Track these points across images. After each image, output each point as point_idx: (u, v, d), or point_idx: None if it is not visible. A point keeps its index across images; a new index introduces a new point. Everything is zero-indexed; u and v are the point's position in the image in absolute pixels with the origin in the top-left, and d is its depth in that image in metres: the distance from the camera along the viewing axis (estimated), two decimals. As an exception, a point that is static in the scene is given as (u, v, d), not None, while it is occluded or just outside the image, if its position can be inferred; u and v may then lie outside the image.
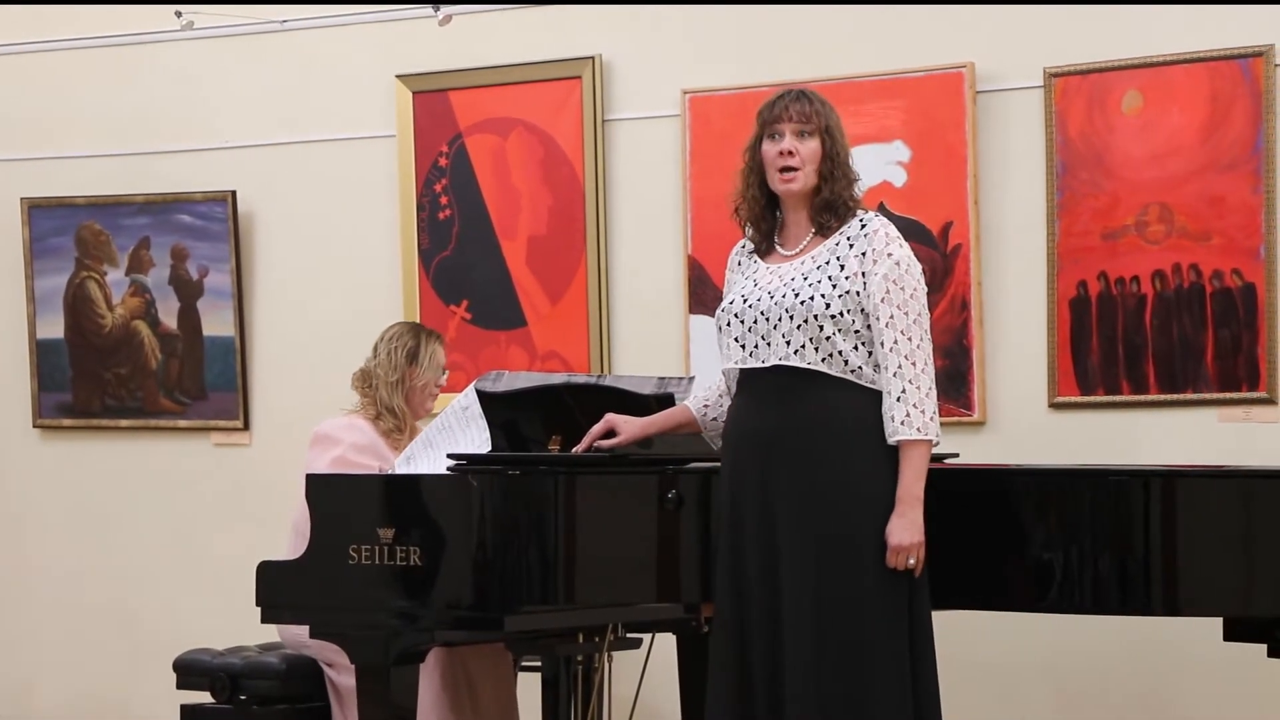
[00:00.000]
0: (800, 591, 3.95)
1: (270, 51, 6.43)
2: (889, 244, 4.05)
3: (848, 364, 4.00)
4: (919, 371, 3.99)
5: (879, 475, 3.98)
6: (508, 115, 6.11)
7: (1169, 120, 5.32)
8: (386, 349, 5.19)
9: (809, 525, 3.96)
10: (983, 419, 5.53)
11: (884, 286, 4.01)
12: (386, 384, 5.15)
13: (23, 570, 6.81)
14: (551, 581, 4.33)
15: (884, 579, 3.95)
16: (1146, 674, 5.38)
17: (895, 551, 3.95)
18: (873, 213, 4.14)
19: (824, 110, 4.13)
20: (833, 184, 4.09)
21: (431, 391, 5.22)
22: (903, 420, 3.97)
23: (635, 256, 6.00)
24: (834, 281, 4.02)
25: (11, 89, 6.75)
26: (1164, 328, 5.34)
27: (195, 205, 6.48)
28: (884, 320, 4.00)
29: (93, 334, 6.66)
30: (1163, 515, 4.13)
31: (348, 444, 5.05)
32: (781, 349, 4.02)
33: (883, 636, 3.94)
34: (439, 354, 5.23)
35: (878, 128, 5.60)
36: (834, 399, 4.00)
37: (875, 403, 4.00)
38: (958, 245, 5.53)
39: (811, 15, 5.74)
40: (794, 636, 3.95)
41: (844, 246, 4.06)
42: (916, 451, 3.98)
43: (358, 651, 4.46)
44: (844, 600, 3.94)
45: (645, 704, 5.24)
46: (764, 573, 4.01)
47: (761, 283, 4.11)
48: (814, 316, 4.00)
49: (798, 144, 4.09)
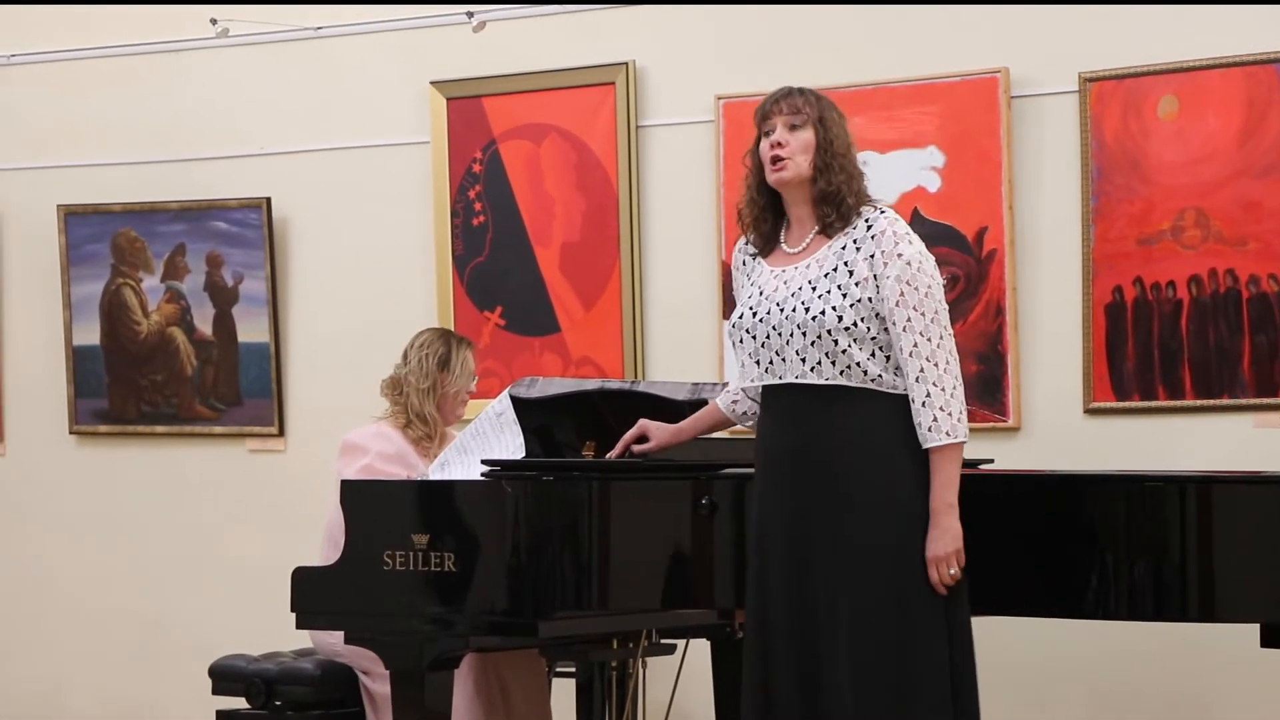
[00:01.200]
0: (837, 606, 3.90)
1: (305, 58, 6.45)
2: (898, 243, 3.96)
3: (867, 374, 3.94)
4: (941, 372, 3.92)
5: (910, 482, 3.93)
6: (541, 121, 6.11)
7: (1205, 125, 5.31)
8: (417, 356, 5.18)
9: (844, 538, 3.91)
10: (1017, 425, 5.51)
11: (897, 289, 3.92)
12: (418, 391, 5.14)
13: (58, 576, 6.83)
14: (586, 587, 4.32)
15: (923, 588, 3.91)
16: (1182, 679, 5.37)
17: (934, 563, 3.90)
18: (877, 210, 4.03)
19: (818, 104, 4.05)
20: (829, 175, 4.00)
21: (463, 398, 5.21)
22: (930, 426, 3.91)
23: (669, 262, 6.00)
24: (844, 290, 3.95)
25: (48, 97, 6.78)
26: (1200, 333, 5.32)
27: (230, 212, 6.50)
28: (900, 325, 3.92)
29: (128, 340, 6.68)
30: (1199, 521, 4.10)
31: (375, 453, 5.06)
32: (797, 367, 3.96)
33: (923, 646, 3.90)
34: (470, 360, 5.22)
35: (912, 133, 5.60)
36: (856, 411, 3.94)
37: (899, 408, 3.94)
38: (992, 250, 5.52)
39: (845, 20, 5.74)
40: (830, 651, 3.90)
41: (850, 250, 3.98)
42: (945, 456, 3.92)
43: (392, 657, 4.45)
44: (883, 611, 3.89)
45: (679, 710, 5.24)
46: (791, 593, 3.95)
47: (767, 290, 4.04)
48: (827, 332, 3.93)
49: (788, 135, 4.02)
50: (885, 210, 4.03)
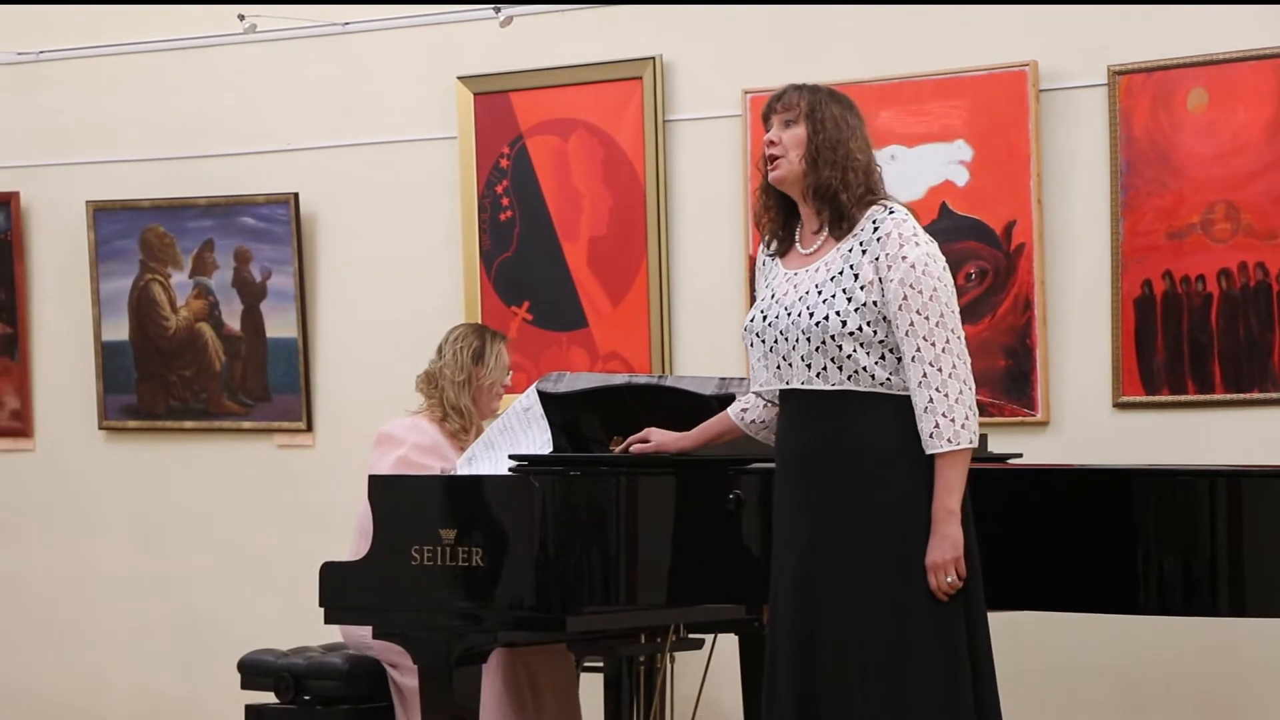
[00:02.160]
0: (839, 610, 3.88)
1: (332, 54, 6.45)
2: (902, 245, 3.90)
3: (874, 378, 3.90)
4: (945, 377, 3.86)
5: (916, 486, 3.90)
6: (569, 116, 6.12)
7: (1235, 118, 5.29)
8: (452, 350, 5.21)
9: (847, 542, 3.89)
10: (1046, 419, 5.50)
11: (900, 293, 3.88)
12: (453, 384, 5.17)
13: (88, 571, 6.85)
14: (613, 582, 4.34)
15: (924, 592, 3.87)
16: (1213, 676, 5.36)
17: (932, 571, 3.87)
18: (886, 209, 3.96)
19: (813, 98, 4.00)
20: (818, 170, 3.95)
21: (498, 391, 5.24)
22: (931, 433, 3.86)
23: (696, 257, 6.00)
24: (849, 294, 3.90)
25: (77, 93, 6.80)
26: (1230, 327, 5.31)
27: (258, 208, 6.51)
28: (904, 329, 3.88)
29: (157, 336, 6.69)
30: (1229, 515, 4.10)
31: (411, 444, 5.07)
32: (803, 373, 3.93)
33: (921, 651, 3.86)
34: (504, 354, 5.26)
35: (940, 127, 5.59)
36: (864, 415, 3.91)
37: (908, 410, 3.90)
38: (1021, 245, 5.51)
39: (873, 14, 5.74)
40: (828, 656, 3.88)
41: (856, 254, 3.93)
42: (947, 463, 3.87)
43: (420, 652, 4.47)
44: (882, 616, 3.87)
45: (707, 704, 5.24)
46: (796, 597, 3.93)
47: (779, 294, 4.01)
48: (831, 338, 3.89)
49: (781, 132, 3.99)
50: (894, 210, 3.97)
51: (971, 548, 3.92)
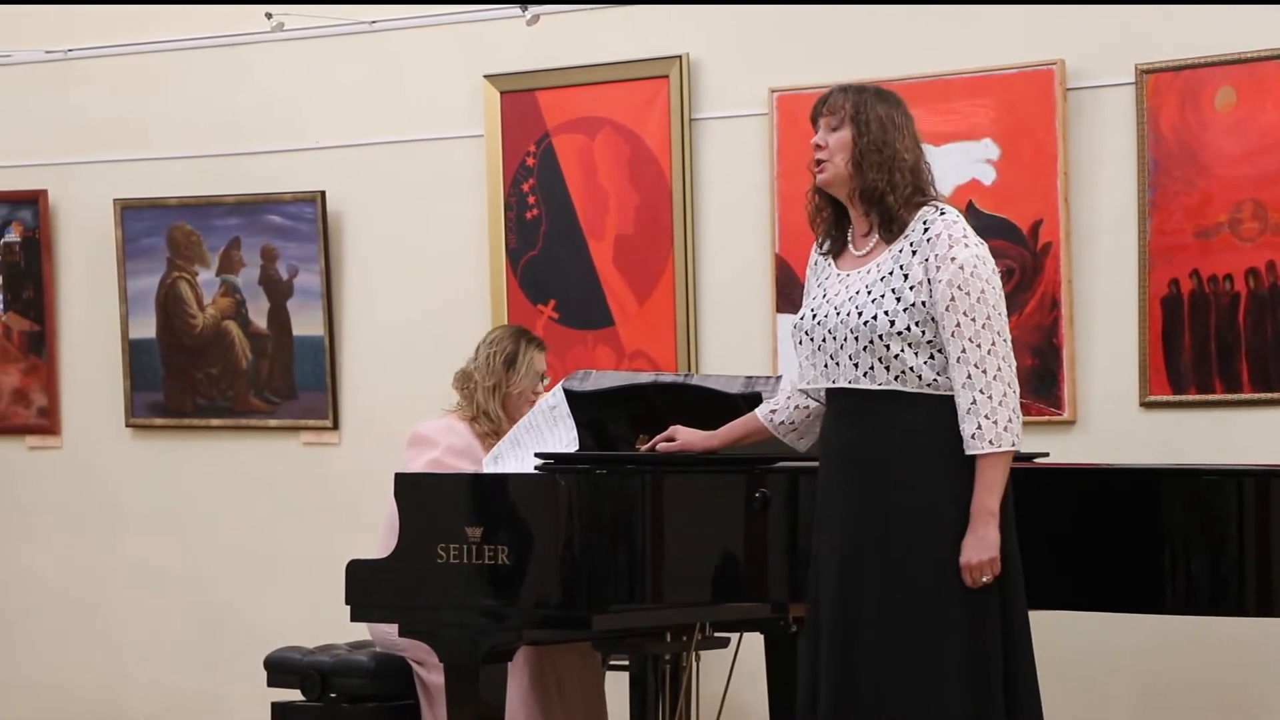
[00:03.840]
0: (879, 605, 3.91)
1: (359, 53, 6.47)
2: (952, 247, 3.95)
3: (921, 378, 3.94)
4: (990, 379, 3.90)
5: (959, 485, 3.93)
6: (595, 115, 6.13)
7: (1263, 116, 5.27)
8: (486, 353, 5.22)
9: (887, 541, 3.93)
10: (1073, 418, 5.50)
11: (948, 294, 3.92)
12: (484, 388, 5.18)
13: (114, 567, 6.87)
14: (639, 581, 4.35)
15: (957, 592, 3.91)
16: (1233, 676, 5.35)
17: (966, 570, 3.90)
18: (937, 210, 4.01)
19: (858, 99, 4.02)
20: (863, 173, 3.99)
21: (528, 399, 5.22)
22: (973, 434, 3.91)
23: (722, 255, 6.00)
24: (898, 295, 3.95)
25: (104, 92, 6.82)
26: (1258, 326, 5.30)
27: (285, 206, 6.53)
28: (950, 330, 3.92)
29: (184, 334, 6.71)
30: (1256, 515, 4.12)
31: (444, 446, 5.08)
32: (850, 371, 3.97)
33: (959, 647, 3.89)
34: (537, 361, 5.25)
35: (967, 125, 5.59)
36: (909, 415, 3.95)
37: (953, 410, 3.94)
38: (1048, 243, 5.51)
39: (899, 12, 5.74)
40: (869, 649, 3.91)
41: (907, 253, 3.98)
42: (988, 464, 3.91)
43: (446, 650, 4.49)
44: (912, 613, 3.90)
45: (733, 703, 5.24)
46: (838, 589, 3.97)
47: (830, 294, 4.06)
48: (879, 337, 3.94)
49: (828, 136, 4.03)
50: (945, 210, 4.01)
51: (1012, 550, 3.95)
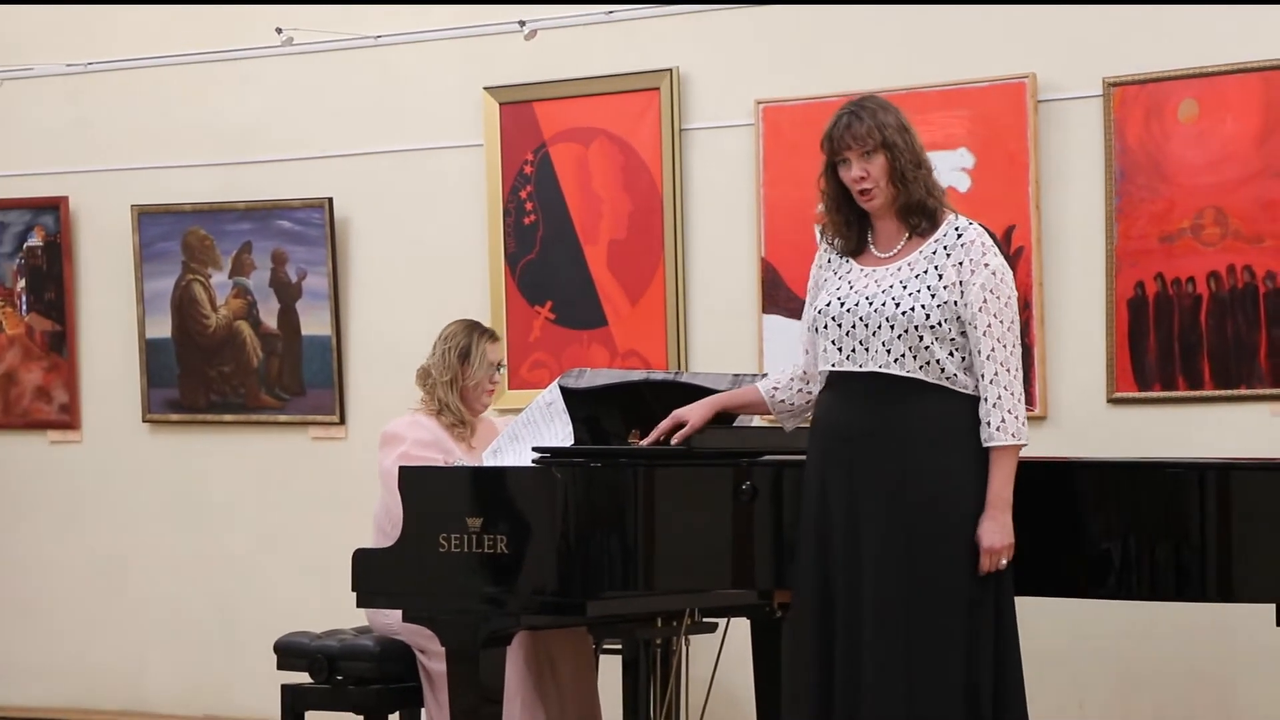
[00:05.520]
0: (887, 588, 3.99)
1: (365, 66, 6.48)
2: (985, 254, 4.07)
3: (944, 371, 4.05)
4: (1013, 378, 4.03)
5: (969, 476, 4.03)
6: (590, 125, 6.15)
7: (1224, 128, 5.31)
8: (441, 348, 5.16)
9: (899, 523, 4.01)
10: (1044, 414, 5.52)
11: (981, 296, 4.04)
12: (441, 383, 5.13)
13: (131, 556, 6.89)
14: (632, 569, 4.34)
15: (972, 576, 4.01)
16: (1204, 658, 5.39)
17: (987, 554, 4.00)
18: (967, 219, 4.13)
19: (879, 121, 4.09)
20: (908, 189, 4.09)
21: (485, 389, 5.17)
22: (998, 426, 4.02)
23: (711, 259, 6.00)
24: (933, 291, 4.05)
25: (122, 103, 6.84)
26: (1219, 326, 5.34)
27: (294, 212, 6.56)
28: (981, 329, 4.04)
29: (198, 334, 6.75)
30: (1218, 506, 4.17)
31: (410, 440, 5.06)
32: (881, 356, 4.06)
33: (967, 632, 3.99)
34: (490, 352, 5.16)
35: (943, 136, 5.60)
36: (928, 404, 4.05)
37: (967, 406, 4.05)
38: (1020, 248, 5.54)
39: (880, 28, 5.75)
40: (878, 633, 3.99)
41: (941, 255, 4.09)
42: (1007, 456, 4.03)
43: (448, 635, 4.49)
44: (932, 596, 3.99)
45: (721, 685, 5.22)
46: (849, 568, 4.05)
47: (857, 285, 4.14)
48: (914, 327, 4.04)
49: (866, 165, 4.10)
50: (974, 222, 4.13)
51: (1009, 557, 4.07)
